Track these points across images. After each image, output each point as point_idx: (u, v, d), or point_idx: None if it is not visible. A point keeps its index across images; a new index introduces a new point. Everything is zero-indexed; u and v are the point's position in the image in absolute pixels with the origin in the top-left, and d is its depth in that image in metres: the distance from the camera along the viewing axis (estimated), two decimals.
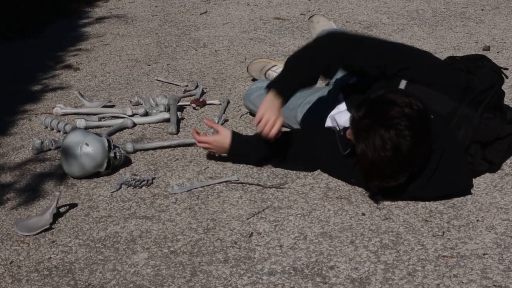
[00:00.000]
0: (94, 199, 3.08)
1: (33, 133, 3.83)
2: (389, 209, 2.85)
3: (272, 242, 2.68)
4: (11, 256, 2.70)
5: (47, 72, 4.81)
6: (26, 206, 3.07)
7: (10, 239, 2.82)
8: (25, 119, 4.03)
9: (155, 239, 2.75)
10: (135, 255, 2.65)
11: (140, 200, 3.04)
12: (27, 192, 3.19)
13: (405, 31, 5.23)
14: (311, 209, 2.89)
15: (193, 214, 2.91)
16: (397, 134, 2.65)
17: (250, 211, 2.90)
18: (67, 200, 3.08)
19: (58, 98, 4.30)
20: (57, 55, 5.18)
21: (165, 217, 2.90)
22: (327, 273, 2.48)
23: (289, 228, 2.77)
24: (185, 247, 2.68)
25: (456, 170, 2.88)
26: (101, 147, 3.19)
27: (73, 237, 2.80)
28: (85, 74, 4.73)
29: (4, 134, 3.85)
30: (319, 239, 2.68)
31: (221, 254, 2.63)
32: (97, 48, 5.28)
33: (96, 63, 4.95)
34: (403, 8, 5.83)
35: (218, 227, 2.81)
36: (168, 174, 3.26)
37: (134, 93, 4.29)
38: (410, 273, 2.45)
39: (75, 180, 3.25)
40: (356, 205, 2.90)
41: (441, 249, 2.58)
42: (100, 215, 2.95)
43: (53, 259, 2.67)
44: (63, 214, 2.97)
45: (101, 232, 2.82)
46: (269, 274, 2.50)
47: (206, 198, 3.03)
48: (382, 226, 2.74)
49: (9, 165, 3.48)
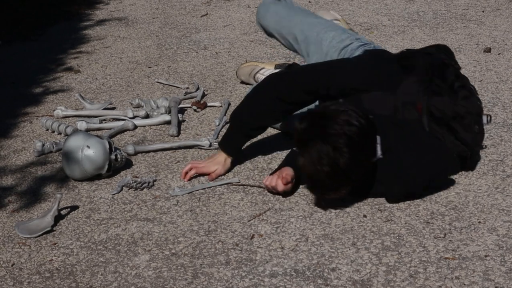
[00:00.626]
0: (95, 201, 3.08)
1: (34, 135, 3.84)
2: (391, 211, 2.85)
3: (273, 244, 2.68)
4: (12, 259, 2.70)
5: (48, 75, 4.81)
6: (27, 208, 3.07)
7: (11, 242, 2.82)
8: (26, 121, 4.03)
9: (156, 241, 2.75)
10: (136, 257, 2.65)
11: (141, 202, 3.04)
12: (28, 195, 3.19)
13: (406, 33, 5.23)
14: (313, 211, 2.89)
15: (194, 216, 2.91)
16: (334, 150, 2.67)
17: (251, 213, 2.90)
18: (68, 202, 3.08)
19: (59, 101, 4.30)
20: (57, 58, 5.18)
21: (167, 219, 2.90)
22: (329, 275, 2.48)
23: (291, 230, 2.77)
24: (187, 249, 2.68)
25: (423, 154, 2.89)
26: (102, 150, 3.19)
27: (75, 239, 2.80)
28: (86, 77, 4.73)
29: (5, 136, 3.85)
30: (320, 241, 2.68)
31: (222, 256, 2.63)
32: (98, 51, 5.29)
33: (97, 65, 4.95)
34: (404, 10, 5.83)
35: (219, 229, 2.80)
36: (169, 176, 3.26)
37: (135, 95, 4.29)
38: (412, 275, 2.45)
39: (76, 183, 3.25)
40: (357, 207, 2.89)
41: (443, 251, 2.58)
42: (101, 217, 2.95)
43: (55, 261, 2.67)
44: (64, 216, 2.97)
45: (103, 234, 2.82)
46: (271, 276, 2.49)
47: (207, 200, 3.03)
48: (384, 228, 2.74)
49: (10, 167, 3.48)
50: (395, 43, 4.99)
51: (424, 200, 2.91)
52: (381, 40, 5.05)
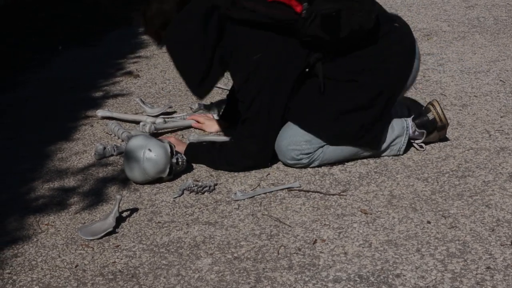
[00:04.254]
0: (156, 205, 3.09)
1: (95, 139, 3.87)
2: (455, 218, 2.80)
3: (336, 249, 2.66)
4: (76, 260, 2.72)
5: (107, 79, 4.86)
6: (89, 210, 3.09)
7: (74, 243, 2.84)
8: (87, 125, 4.07)
9: (218, 245, 2.74)
10: (199, 261, 2.65)
11: (203, 206, 3.04)
12: (90, 197, 3.21)
13: (466, 38, 5.16)
14: (375, 217, 2.86)
15: (256, 220, 2.90)
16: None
17: (313, 218, 2.88)
18: (130, 205, 3.09)
19: (118, 105, 4.34)
20: (117, 63, 5.23)
21: (228, 223, 2.90)
22: (393, 281, 2.45)
23: (353, 235, 2.74)
24: (249, 253, 2.67)
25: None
26: (164, 153, 3.20)
27: (137, 242, 2.81)
28: (145, 81, 4.76)
29: (67, 139, 3.89)
30: (384, 246, 2.65)
31: (285, 260, 2.61)
32: (157, 56, 5.32)
33: (156, 70, 4.98)
34: (464, 16, 5.77)
35: (281, 233, 2.79)
36: (230, 180, 3.25)
37: (194, 100, 4.30)
38: (478, 283, 2.40)
39: (138, 186, 3.26)
40: (421, 213, 2.86)
41: (510, 259, 2.52)
42: (163, 220, 2.95)
43: (118, 263, 2.68)
44: (126, 219, 2.98)
45: (165, 237, 2.83)
46: (334, 281, 2.47)
47: (268, 204, 3.02)
48: (448, 235, 2.70)
49: (72, 170, 3.51)
50: (455, 49, 4.93)
51: (489, 207, 2.86)
52: (441, 46, 5.00)
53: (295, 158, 3.27)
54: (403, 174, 3.20)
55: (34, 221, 3.02)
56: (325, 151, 3.27)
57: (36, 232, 2.93)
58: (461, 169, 3.21)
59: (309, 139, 3.24)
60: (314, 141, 3.24)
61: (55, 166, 3.56)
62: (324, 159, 3.29)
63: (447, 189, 3.04)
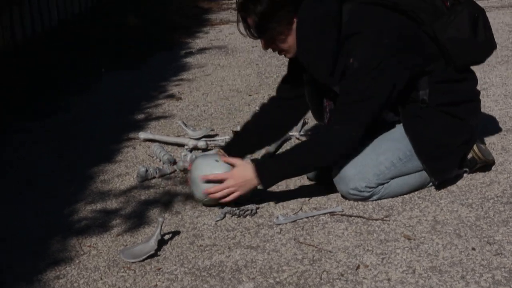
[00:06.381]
0: (198, 228, 3.09)
1: (137, 161, 3.89)
2: (500, 244, 2.76)
3: (379, 275, 2.63)
4: (117, 283, 2.72)
5: (150, 102, 4.90)
6: (131, 233, 3.10)
7: (116, 266, 2.84)
8: (130, 147, 4.09)
9: (260, 269, 2.73)
10: (241, 285, 2.64)
11: (245, 230, 3.04)
12: (132, 219, 3.22)
13: (510, 62, 5.12)
14: (419, 243, 2.82)
15: (298, 245, 2.88)
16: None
17: (356, 243, 2.86)
18: (172, 227, 3.10)
19: (161, 127, 4.36)
20: (159, 85, 5.27)
21: (270, 247, 2.88)
22: None
23: (397, 261, 2.71)
24: (291, 278, 2.65)
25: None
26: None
27: (179, 265, 2.81)
28: (187, 104, 4.78)
29: (109, 161, 3.92)
30: (428, 273, 2.61)
31: (327, 286, 2.59)
32: (199, 78, 5.35)
33: (198, 93, 5.01)
34: (507, 40, 5.72)
35: (324, 258, 2.77)
36: (272, 204, 3.24)
37: (236, 122, 4.31)
38: None
39: (180, 208, 3.27)
40: (465, 239, 2.82)
41: None
42: (205, 244, 2.95)
43: (159, 286, 2.67)
44: (168, 242, 2.98)
45: (206, 261, 2.82)
46: None
47: (311, 229, 3.00)
48: (494, 262, 2.65)
49: (114, 192, 3.53)
50: (498, 73, 4.89)
51: None
52: (484, 70, 4.95)
53: (358, 189, 3.17)
54: (446, 200, 3.17)
55: (76, 242, 3.04)
56: (387, 187, 3.21)
57: (78, 254, 2.95)
58: (506, 195, 3.17)
59: (378, 173, 3.16)
60: (382, 175, 3.17)
61: (98, 188, 3.59)
62: (385, 193, 3.22)
63: (492, 215, 3.00)
